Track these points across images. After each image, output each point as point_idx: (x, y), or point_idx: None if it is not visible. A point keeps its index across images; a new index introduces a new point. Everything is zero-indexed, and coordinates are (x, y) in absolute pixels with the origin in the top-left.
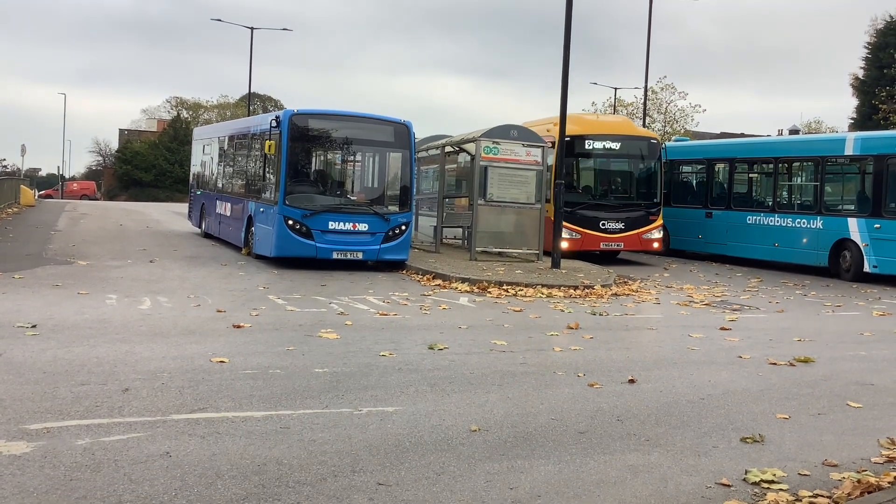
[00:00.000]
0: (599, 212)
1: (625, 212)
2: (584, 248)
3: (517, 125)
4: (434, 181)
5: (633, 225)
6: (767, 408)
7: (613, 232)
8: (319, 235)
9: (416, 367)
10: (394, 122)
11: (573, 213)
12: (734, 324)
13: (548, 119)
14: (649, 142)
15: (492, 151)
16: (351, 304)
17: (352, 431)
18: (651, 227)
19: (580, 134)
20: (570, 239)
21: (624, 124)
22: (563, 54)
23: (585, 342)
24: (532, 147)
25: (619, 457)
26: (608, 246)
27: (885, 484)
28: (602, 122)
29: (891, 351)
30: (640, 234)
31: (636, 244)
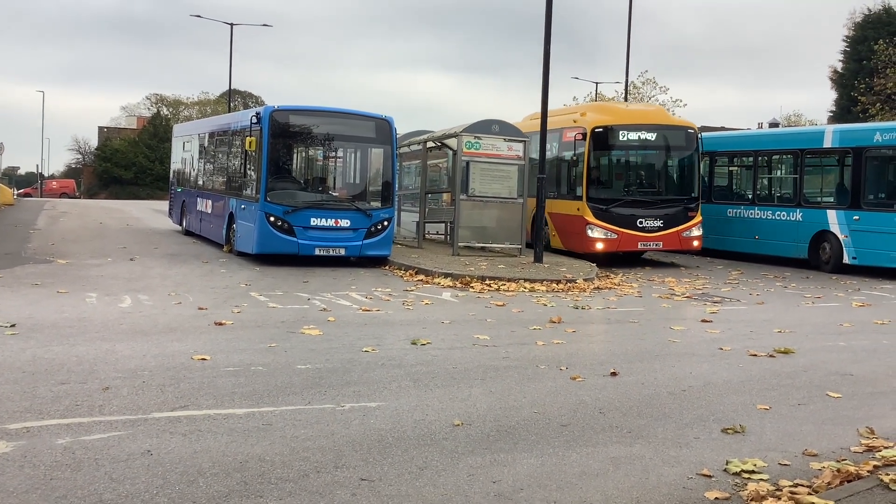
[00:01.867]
0: (636, 209)
1: (663, 208)
2: (620, 248)
3: (498, 120)
4: (416, 176)
5: (671, 222)
6: (748, 399)
7: (652, 230)
8: (301, 232)
9: (399, 362)
10: (375, 117)
11: (607, 210)
12: (715, 316)
13: (575, 108)
14: (686, 131)
15: (473, 146)
16: (333, 301)
17: (334, 427)
18: (691, 223)
19: (612, 124)
20: (605, 239)
21: (659, 113)
22: (544, 49)
23: (568, 336)
24: (513, 142)
25: (601, 449)
26: (646, 245)
27: (864, 473)
28: (635, 111)
29: (870, 341)
30: (679, 232)
31: (675, 243)
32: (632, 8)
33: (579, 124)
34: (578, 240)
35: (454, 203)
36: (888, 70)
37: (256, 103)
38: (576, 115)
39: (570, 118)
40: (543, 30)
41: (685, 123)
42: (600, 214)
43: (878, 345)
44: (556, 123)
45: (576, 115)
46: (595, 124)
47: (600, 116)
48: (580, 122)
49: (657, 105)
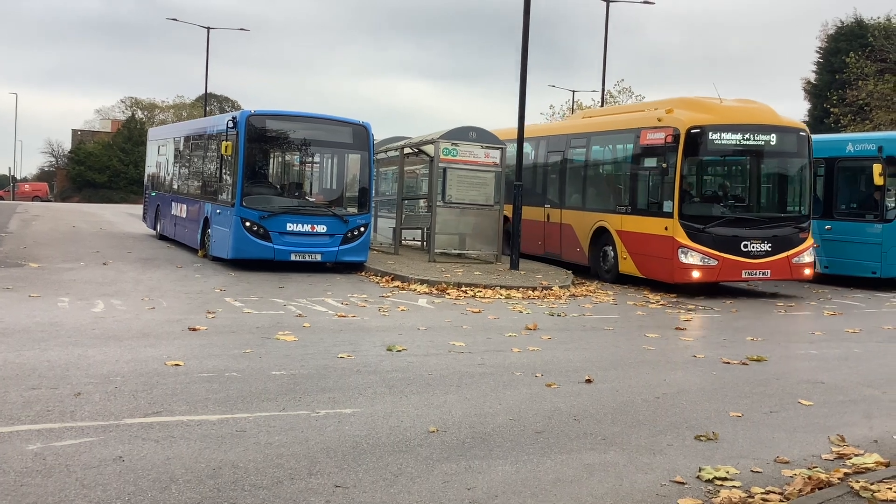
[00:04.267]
0: (740, 229)
1: (771, 228)
2: (721, 278)
3: (476, 127)
4: (393, 183)
5: (781, 245)
6: (721, 406)
7: (758, 256)
8: (277, 237)
9: (375, 368)
10: (352, 123)
11: (704, 231)
12: (689, 324)
13: (651, 104)
14: (798, 134)
15: (450, 153)
16: (309, 306)
17: (309, 434)
18: (802, 247)
19: (712, 124)
20: (702, 266)
21: (766, 111)
22: (521, 57)
23: (543, 343)
24: (491, 149)
25: (575, 456)
26: (752, 274)
27: (835, 480)
28: (738, 108)
29: (841, 350)
30: (789, 258)
31: (785, 271)
32: (608, 18)
33: (667, 123)
34: (665, 266)
35: (431, 209)
36: (859, 82)
37: (233, 108)
38: (658, 113)
39: (649, 116)
40: (521, 38)
41: (797, 125)
42: (696, 235)
43: (849, 353)
44: (628, 122)
45: (658, 113)
46: (692, 124)
47: (695, 114)
48: (668, 120)
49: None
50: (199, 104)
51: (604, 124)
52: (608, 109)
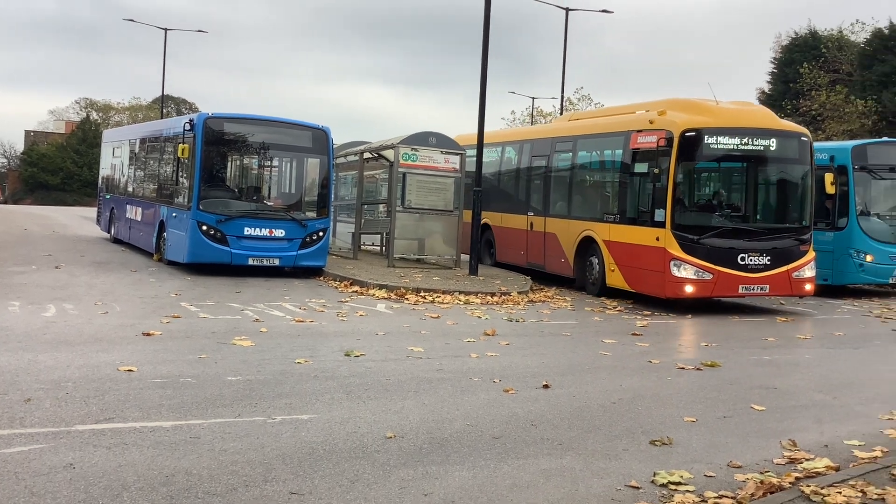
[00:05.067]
0: (737, 240)
1: (770, 240)
2: (716, 293)
3: (436, 132)
4: (353, 187)
5: (780, 259)
6: (675, 411)
7: (757, 269)
8: (235, 241)
9: (332, 374)
10: (311, 127)
11: (699, 242)
12: (645, 329)
13: (641, 105)
14: (800, 139)
15: (410, 158)
16: (266, 311)
17: (265, 440)
18: (803, 261)
19: (708, 127)
20: (696, 280)
21: (765, 114)
22: (482, 63)
23: (502, 348)
24: (450, 154)
25: (532, 461)
26: (749, 290)
27: (786, 484)
28: (736, 111)
29: (793, 356)
30: (789, 272)
31: (785, 287)
32: (568, 26)
33: (660, 126)
34: (656, 280)
35: (390, 214)
36: (812, 92)
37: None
38: (650, 115)
39: (641, 118)
40: (482, 45)
41: (798, 129)
42: (690, 247)
43: (800, 359)
44: (617, 125)
45: (650, 115)
46: (686, 126)
47: (690, 116)
48: (661, 122)
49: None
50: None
51: (591, 127)
52: (596, 111)
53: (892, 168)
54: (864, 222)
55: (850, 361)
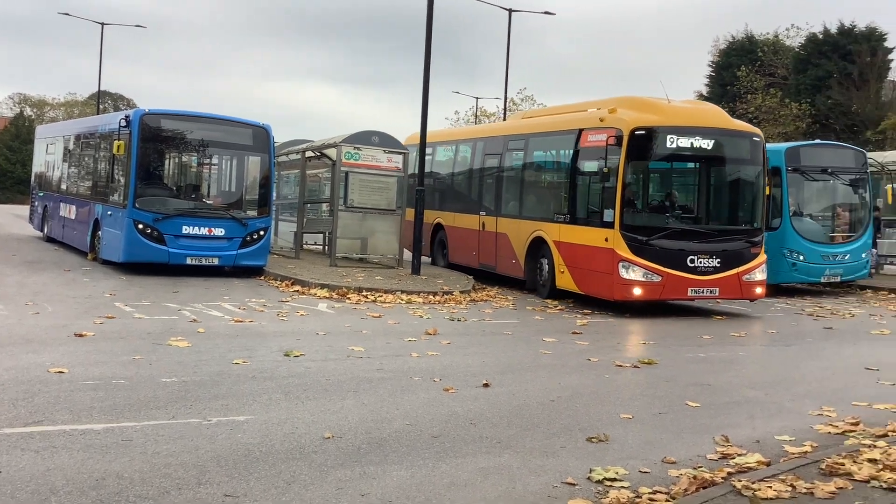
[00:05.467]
0: (687, 241)
1: (720, 241)
2: (665, 296)
3: (378, 131)
4: (295, 186)
5: (731, 261)
6: (613, 409)
7: (706, 272)
8: (172, 240)
9: (271, 374)
10: (252, 124)
11: (648, 243)
12: (585, 328)
13: (592, 103)
14: (752, 139)
15: (353, 157)
16: (204, 311)
17: (199, 442)
18: (754, 264)
19: (658, 125)
20: (645, 283)
21: (717, 113)
22: (424, 63)
23: (443, 348)
24: (393, 153)
25: (470, 460)
26: (698, 293)
27: (718, 479)
28: (688, 110)
29: (728, 353)
30: (740, 275)
31: (735, 290)
32: (511, 27)
33: (610, 124)
34: (604, 282)
35: (333, 213)
36: (749, 95)
37: (128, 106)
38: (601, 113)
39: (591, 116)
40: (424, 45)
41: (750, 129)
42: (639, 248)
43: (734, 356)
44: (568, 123)
45: (601, 113)
46: (636, 125)
47: (640, 114)
48: (611, 121)
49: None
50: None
51: (543, 125)
52: (550, 109)
53: (823, 170)
54: (797, 223)
55: (782, 358)
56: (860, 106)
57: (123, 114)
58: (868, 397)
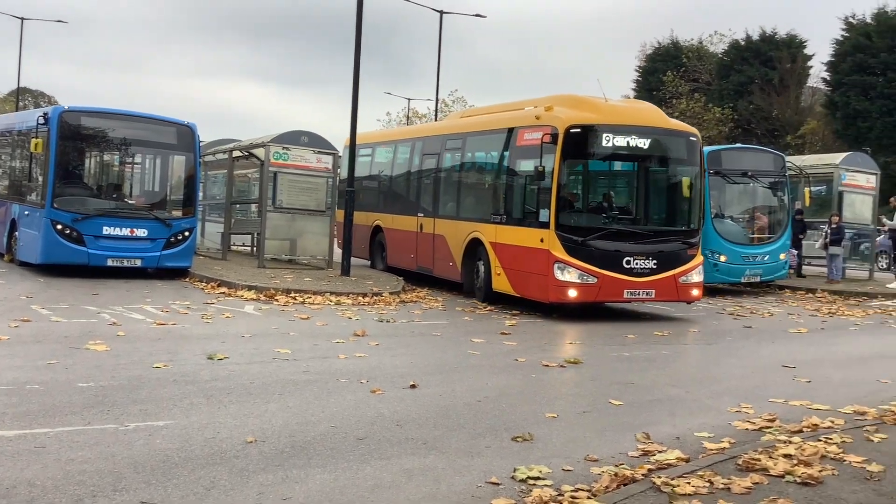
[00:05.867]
0: (623, 242)
1: (656, 242)
2: (601, 298)
3: (308, 131)
4: (223, 186)
5: (667, 263)
6: (538, 408)
7: (642, 273)
8: (92, 241)
9: (193, 378)
10: (177, 123)
11: (584, 244)
12: (514, 328)
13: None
14: (689, 139)
15: (282, 157)
16: (125, 314)
17: (116, 448)
18: (690, 265)
19: (594, 123)
20: (580, 284)
21: (654, 113)
22: (354, 63)
23: (371, 349)
24: (323, 154)
25: (395, 461)
26: (634, 294)
27: (639, 476)
28: (623, 109)
29: (651, 352)
30: (676, 277)
31: (671, 292)
32: (442, 29)
33: (545, 122)
34: (540, 283)
35: (261, 214)
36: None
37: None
38: (538, 111)
39: (528, 114)
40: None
41: (687, 128)
42: (574, 249)
43: (657, 355)
44: (505, 121)
45: (538, 111)
46: (571, 123)
47: (576, 112)
48: (546, 119)
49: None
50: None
51: (480, 124)
52: (488, 108)
53: (744, 173)
54: (719, 224)
55: (703, 357)
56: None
57: (42, 111)
58: (784, 394)
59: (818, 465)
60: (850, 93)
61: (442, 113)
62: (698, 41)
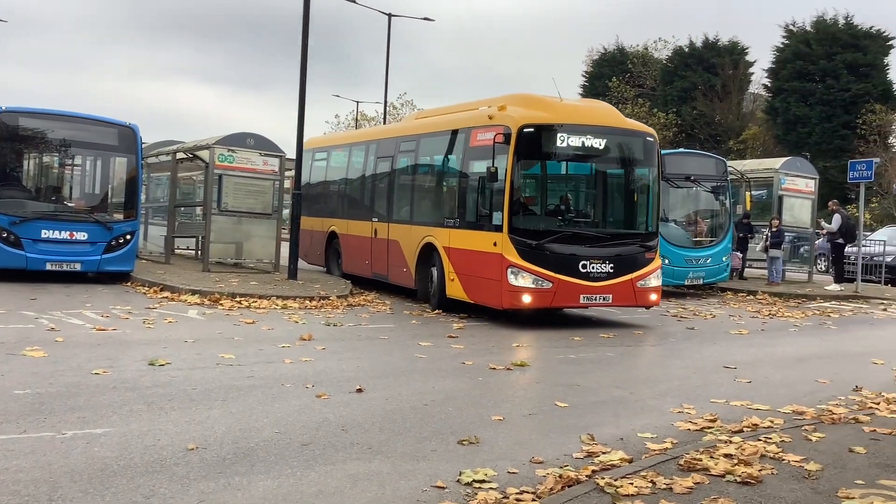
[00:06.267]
0: (579, 245)
1: (613, 246)
2: (556, 303)
3: (254, 133)
4: (166, 188)
5: (624, 267)
6: (485, 411)
7: (599, 278)
8: (30, 245)
9: (133, 384)
10: (118, 124)
11: (538, 248)
12: (461, 332)
13: (485, 101)
14: (645, 139)
15: (227, 159)
16: (64, 319)
17: (52, 457)
18: (648, 269)
19: (548, 123)
20: (534, 290)
21: (610, 113)
22: (301, 64)
23: (317, 353)
24: (269, 156)
25: (340, 466)
26: (591, 300)
27: (583, 478)
28: (578, 108)
29: (596, 354)
30: (633, 281)
31: (629, 297)
32: (391, 31)
33: (498, 121)
34: (493, 289)
35: (205, 217)
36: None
37: None
38: (491, 110)
39: (481, 114)
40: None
41: (644, 128)
42: (528, 253)
43: (602, 357)
44: (459, 122)
45: (491, 110)
46: (524, 122)
47: (530, 111)
48: (499, 118)
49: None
50: None
51: (434, 125)
52: (443, 109)
53: (687, 177)
54: (663, 228)
55: (647, 358)
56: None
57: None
58: (726, 395)
59: (758, 464)
60: (790, 99)
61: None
62: (643, 47)
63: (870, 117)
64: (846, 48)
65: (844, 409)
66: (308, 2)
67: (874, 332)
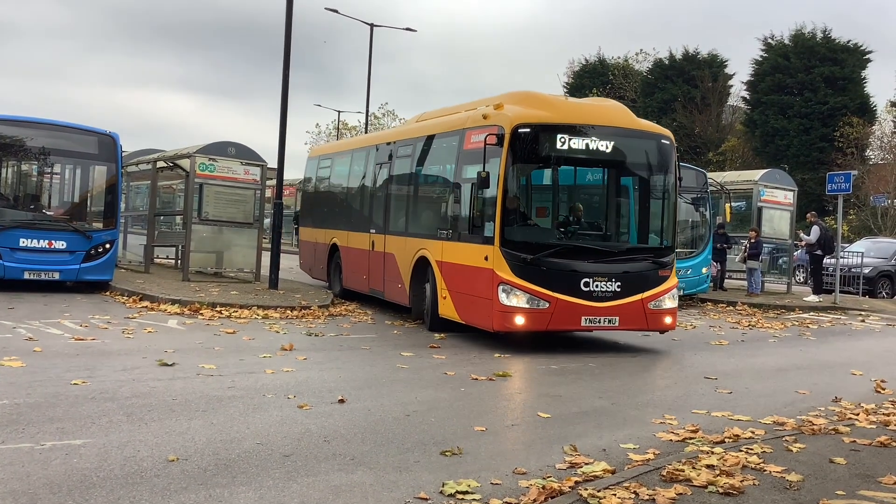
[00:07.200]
0: (581, 261)
1: (621, 262)
2: (553, 326)
3: (235, 142)
4: (146, 197)
5: (633, 286)
6: (467, 422)
7: (603, 298)
8: (8, 253)
9: (113, 395)
10: (98, 132)
11: (534, 263)
12: (443, 342)
13: (484, 100)
14: (660, 141)
15: (208, 168)
16: (42, 329)
17: (31, 468)
18: (662, 289)
19: (546, 122)
20: (529, 311)
21: (619, 112)
22: (283, 74)
23: (299, 363)
24: (251, 165)
25: (322, 478)
26: (594, 322)
27: (566, 489)
28: (583, 106)
29: (578, 364)
30: (644, 302)
31: (639, 320)
32: (372, 43)
33: (492, 121)
34: (483, 308)
35: (185, 226)
36: None
37: None
38: (486, 109)
39: (476, 114)
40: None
41: (659, 130)
42: (522, 269)
43: (584, 367)
44: (455, 123)
45: (486, 109)
46: (519, 121)
47: (527, 110)
48: (494, 118)
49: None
50: None
51: (430, 128)
52: (445, 110)
53: None
54: None
55: (628, 369)
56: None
57: None
58: (707, 405)
59: (740, 475)
60: (769, 111)
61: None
62: (624, 59)
63: (847, 130)
64: (824, 62)
65: (824, 419)
66: (290, 12)
67: (852, 342)
